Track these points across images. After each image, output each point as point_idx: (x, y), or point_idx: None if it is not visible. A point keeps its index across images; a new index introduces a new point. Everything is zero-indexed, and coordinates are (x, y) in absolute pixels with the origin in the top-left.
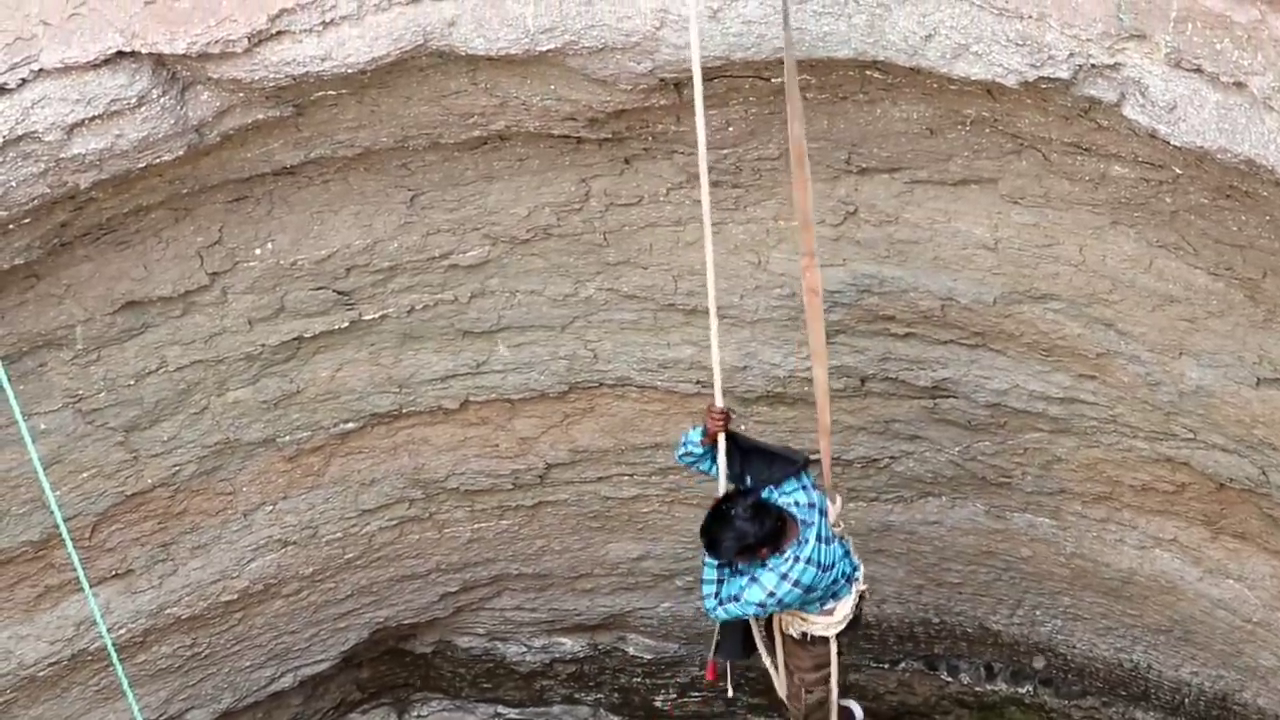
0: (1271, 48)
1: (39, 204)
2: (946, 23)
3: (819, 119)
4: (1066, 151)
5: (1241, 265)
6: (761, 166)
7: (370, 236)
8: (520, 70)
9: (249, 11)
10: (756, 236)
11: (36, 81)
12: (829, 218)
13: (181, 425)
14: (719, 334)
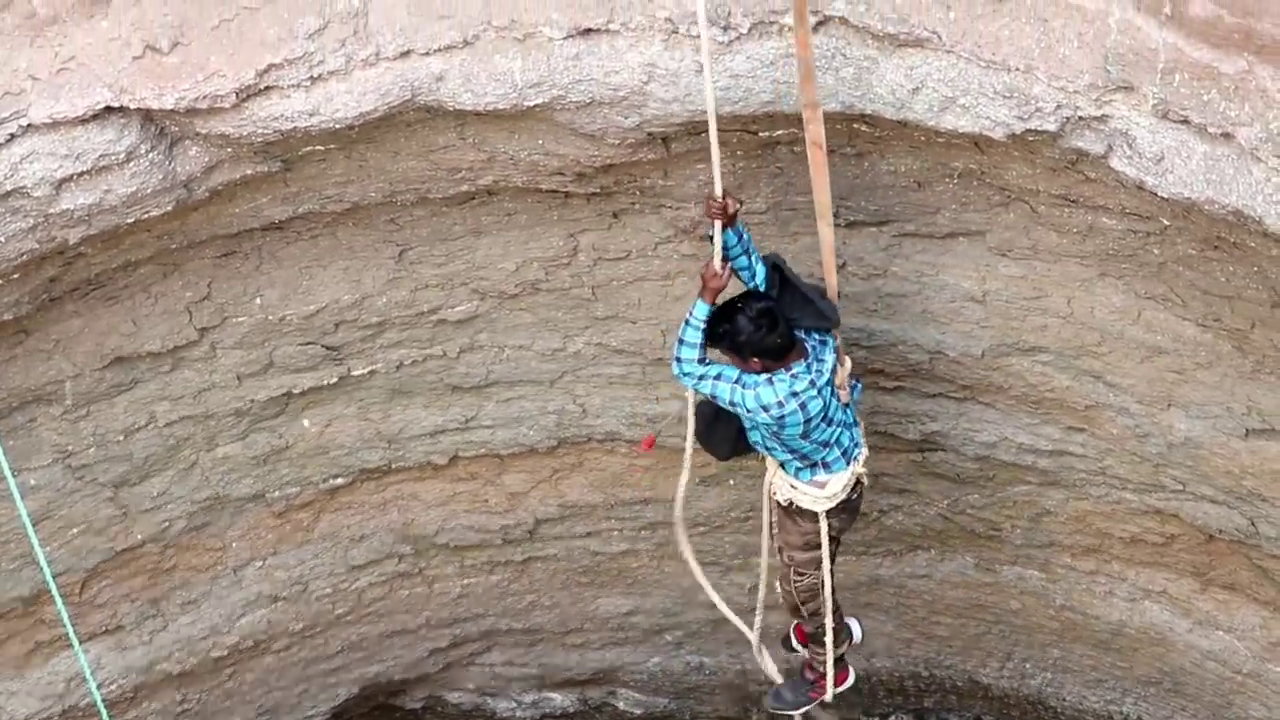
0: (1259, 98)
1: (28, 259)
2: (934, 76)
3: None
4: (1054, 203)
5: (1230, 316)
6: (749, 219)
7: (359, 291)
8: (508, 125)
9: (237, 67)
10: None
11: (25, 136)
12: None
13: (171, 481)
14: None
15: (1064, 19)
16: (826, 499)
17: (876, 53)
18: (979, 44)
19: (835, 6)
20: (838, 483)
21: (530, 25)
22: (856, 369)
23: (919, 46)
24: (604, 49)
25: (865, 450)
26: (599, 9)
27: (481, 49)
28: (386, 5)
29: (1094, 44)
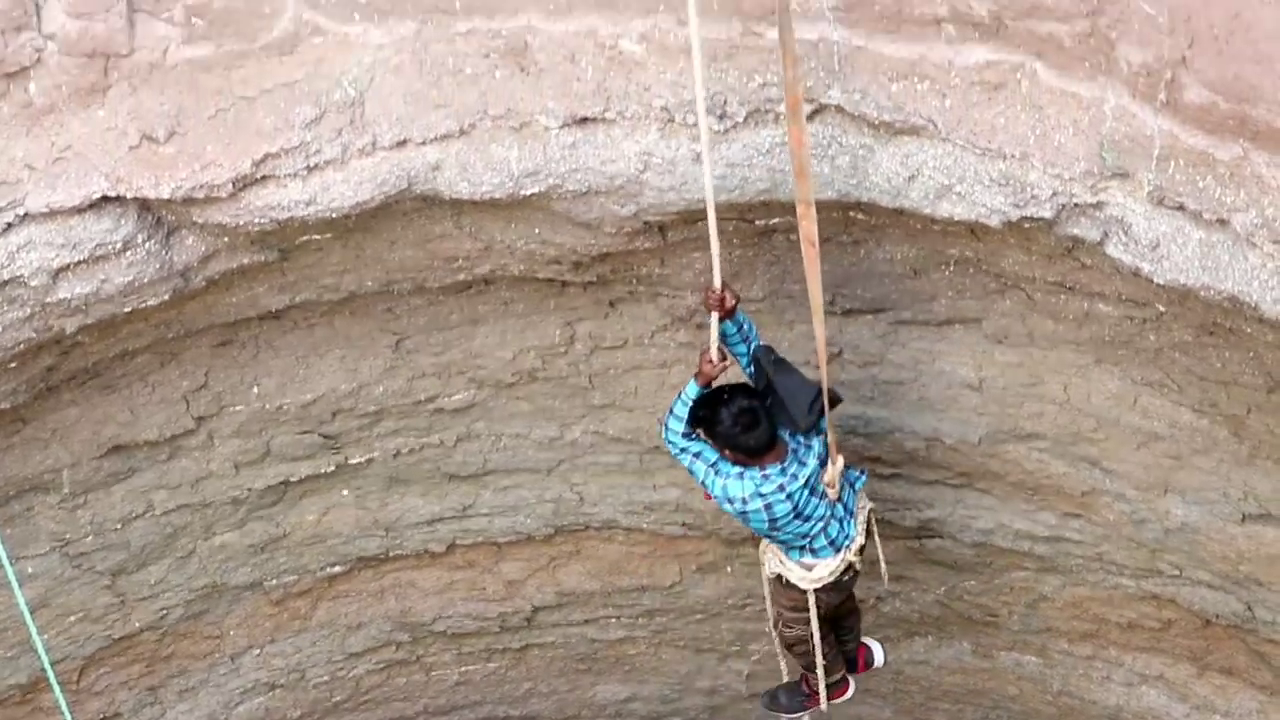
0: (1254, 184)
1: (25, 348)
2: (929, 164)
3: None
4: (1050, 290)
5: (1226, 402)
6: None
7: (356, 380)
8: (504, 214)
9: (234, 156)
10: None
11: (22, 226)
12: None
13: (168, 569)
14: None
15: (1059, 106)
16: (813, 580)
17: (872, 141)
18: (974, 132)
19: (831, 95)
20: (825, 568)
21: (526, 114)
22: (853, 456)
23: (915, 134)
24: (600, 138)
25: (860, 539)
26: (595, 98)
27: (478, 138)
28: (383, 94)
29: (1089, 131)
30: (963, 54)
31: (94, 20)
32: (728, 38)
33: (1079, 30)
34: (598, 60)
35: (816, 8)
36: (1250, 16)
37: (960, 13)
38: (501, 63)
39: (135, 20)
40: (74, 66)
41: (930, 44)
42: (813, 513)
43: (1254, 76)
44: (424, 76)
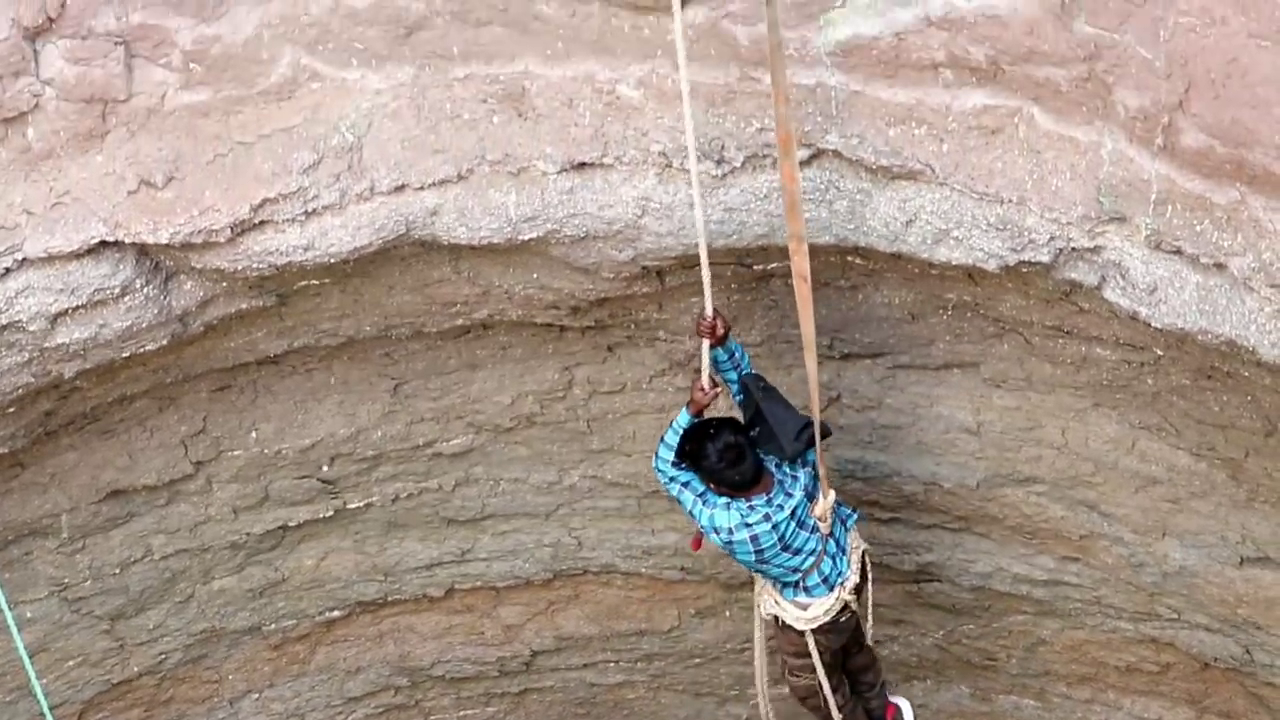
0: (1251, 228)
1: (23, 393)
2: (927, 208)
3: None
4: (1048, 334)
5: (1224, 445)
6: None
7: (354, 425)
8: (503, 259)
9: (232, 202)
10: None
11: (20, 271)
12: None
13: (167, 613)
14: None
15: (1056, 151)
16: (809, 620)
17: (870, 185)
18: (972, 176)
19: (829, 140)
20: (819, 606)
21: (524, 159)
22: (851, 500)
23: (912, 179)
24: (598, 183)
25: (854, 577)
26: (593, 143)
27: (476, 183)
28: (381, 140)
29: (1087, 175)
30: (960, 99)
31: (92, 66)
32: (725, 83)
33: (1076, 75)
34: (595, 105)
35: (814, 53)
36: (1247, 61)
37: (957, 58)
38: (499, 108)
39: (133, 66)
40: (72, 112)
41: (927, 89)
42: (802, 546)
43: (1250, 121)
44: (422, 122)
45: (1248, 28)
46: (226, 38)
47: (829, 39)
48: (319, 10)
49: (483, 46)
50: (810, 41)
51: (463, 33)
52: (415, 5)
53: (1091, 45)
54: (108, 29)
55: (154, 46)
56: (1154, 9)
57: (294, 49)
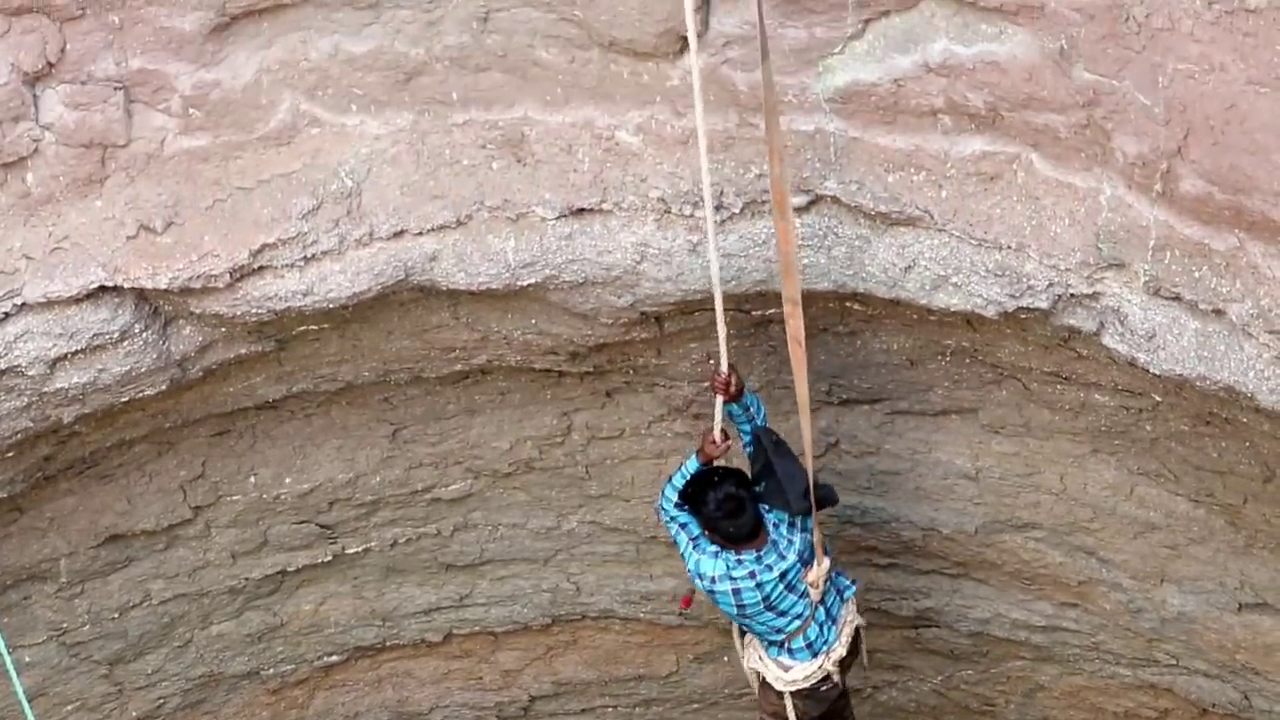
0: (1250, 274)
1: (22, 437)
2: (926, 254)
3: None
4: (1046, 380)
5: (1222, 491)
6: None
7: (353, 470)
8: (501, 304)
9: (231, 247)
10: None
11: (19, 315)
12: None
13: (166, 658)
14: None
15: (1055, 197)
16: (787, 682)
17: (869, 231)
18: (971, 222)
19: (827, 186)
20: (801, 671)
21: (523, 205)
22: (849, 546)
23: (911, 225)
24: (597, 229)
25: (841, 650)
26: (592, 189)
27: (475, 229)
28: (380, 185)
29: (1085, 222)
30: (959, 145)
31: (92, 111)
32: (724, 129)
33: (1075, 121)
34: (595, 151)
35: (813, 99)
36: (1246, 107)
37: (956, 104)
38: (498, 154)
39: (133, 111)
40: (71, 157)
41: (926, 135)
42: (789, 609)
43: (1249, 167)
44: (421, 167)
45: (1247, 74)
46: (226, 83)
47: (828, 85)
48: (318, 56)
49: (482, 92)
50: (809, 88)
51: (462, 79)
52: (414, 51)
53: (1090, 92)
54: (107, 74)
55: (153, 92)
56: (1153, 56)
57: (293, 94)
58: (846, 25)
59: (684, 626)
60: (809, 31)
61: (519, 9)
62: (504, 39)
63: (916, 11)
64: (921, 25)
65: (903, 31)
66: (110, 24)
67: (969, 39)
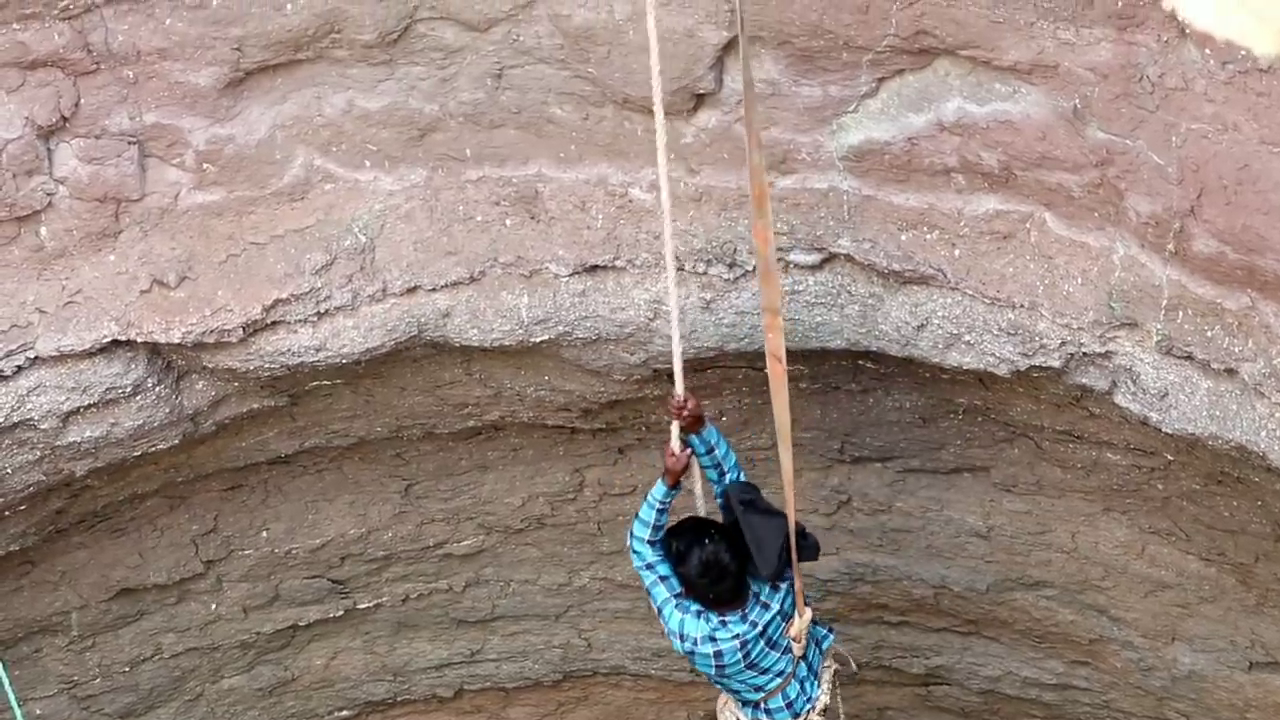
0: (1262, 334)
1: (35, 491)
2: (939, 313)
3: (811, 409)
4: (1058, 439)
5: (1233, 550)
6: (755, 455)
7: (365, 525)
8: (514, 361)
9: (244, 301)
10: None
11: (32, 369)
12: (822, 506)
13: (176, 712)
14: None
15: (1068, 256)
16: None
17: (882, 290)
18: (984, 281)
19: (841, 244)
20: None
21: (537, 262)
22: (860, 604)
23: (924, 284)
24: (610, 286)
25: (824, 699)
26: (605, 246)
27: (488, 285)
28: (393, 241)
29: (1098, 281)
30: (972, 203)
31: (105, 165)
32: (738, 187)
33: (1088, 180)
34: (608, 208)
35: (827, 157)
36: (1259, 167)
37: (970, 163)
38: (512, 210)
39: (146, 165)
40: (85, 211)
41: (940, 193)
42: (770, 666)
43: (1262, 227)
44: (435, 223)
45: (1260, 134)
46: (240, 138)
47: (842, 144)
48: (332, 112)
49: (496, 149)
50: (823, 146)
51: (476, 135)
52: (428, 107)
53: (1104, 151)
54: (121, 128)
55: (167, 146)
56: (1166, 115)
57: (307, 150)
58: (861, 84)
59: (695, 683)
60: (823, 90)
61: (533, 66)
62: (518, 95)
63: (930, 70)
64: (935, 84)
65: (917, 90)
66: (125, 78)
67: (983, 98)
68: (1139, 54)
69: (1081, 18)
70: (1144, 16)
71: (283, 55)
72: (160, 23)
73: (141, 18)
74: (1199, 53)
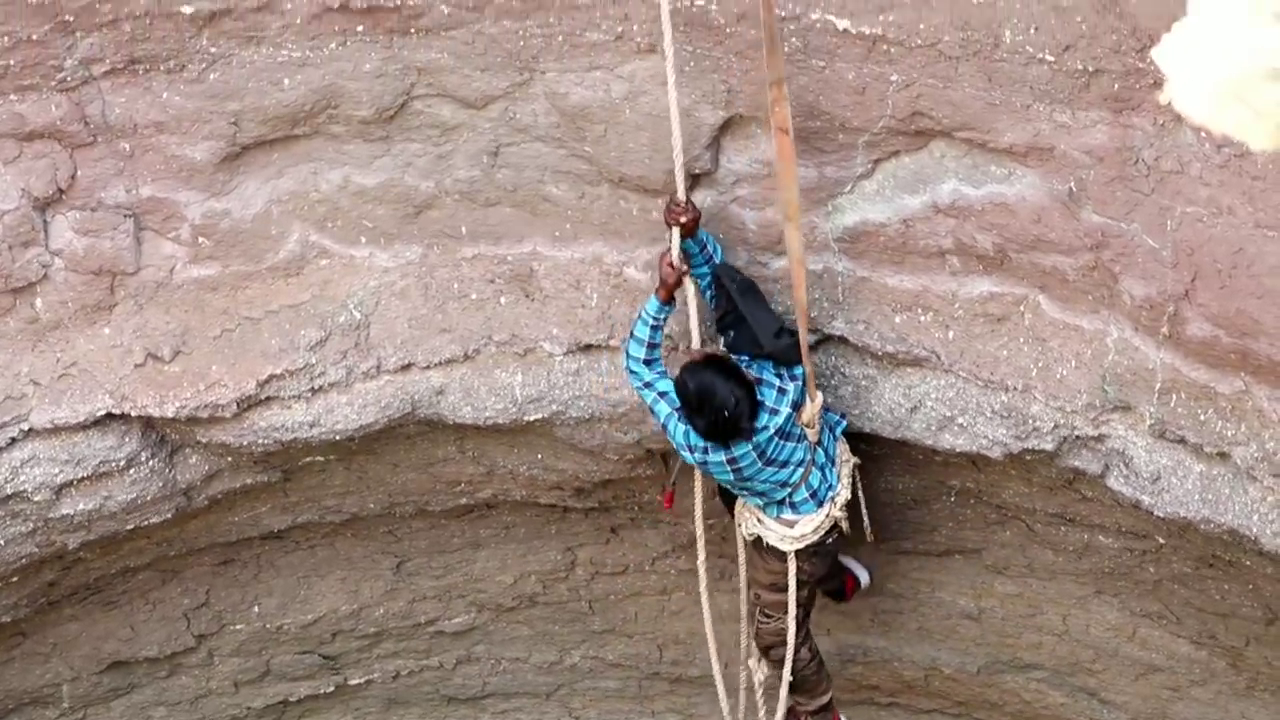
0: (1255, 418)
1: (27, 563)
2: (932, 395)
3: None
4: (1050, 522)
5: (1224, 634)
6: None
7: (357, 602)
8: (508, 439)
9: (238, 377)
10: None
11: (26, 441)
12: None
13: None
14: None
15: (1062, 339)
16: (794, 539)
17: (875, 371)
18: (977, 364)
19: (835, 325)
20: (808, 524)
21: (531, 341)
22: (850, 684)
23: (918, 366)
24: (604, 365)
25: (845, 493)
26: (599, 325)
27: (482, 363)
28: (388, 318)
29: (1092, 364)
30: (967, 286)
31: (101, 238)
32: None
33: (1083, 263)
34: (603, 287)
35: (822, 238)
36: (1254, 251)
37: (965, 245)
38: (507, 288)
39: (142, 239)
40: (80, 283)
41: (934, 275)
42: (788, 458)
43: (1256, 311)
44: (429, 301)
45: (1255, 218)
46: (236, 213)
47: (837, 225)
48: (328, 188)
49: (491, 227)
50: (818, 227)
51: (472, 213)
52: (424, 184)
53: (1099, 234)
54: (117, 202)
55: (163, 220)
56: (1162, 198)
57: (303, 226)
58: (856, 165)
59: None
60: (819, 171)
61: (529, 144)
62: (514, 174)
63: (926, 152)
64: (931, 166)
65: (912, 172)
66: (121, 151)
67: (978, 180)
68: (1135, 137)
69: (1078, 100)
70: (1140, 100)
71: (279, 130)
72: (157, 96)
73: (139, 91)
74: (1195, 136)
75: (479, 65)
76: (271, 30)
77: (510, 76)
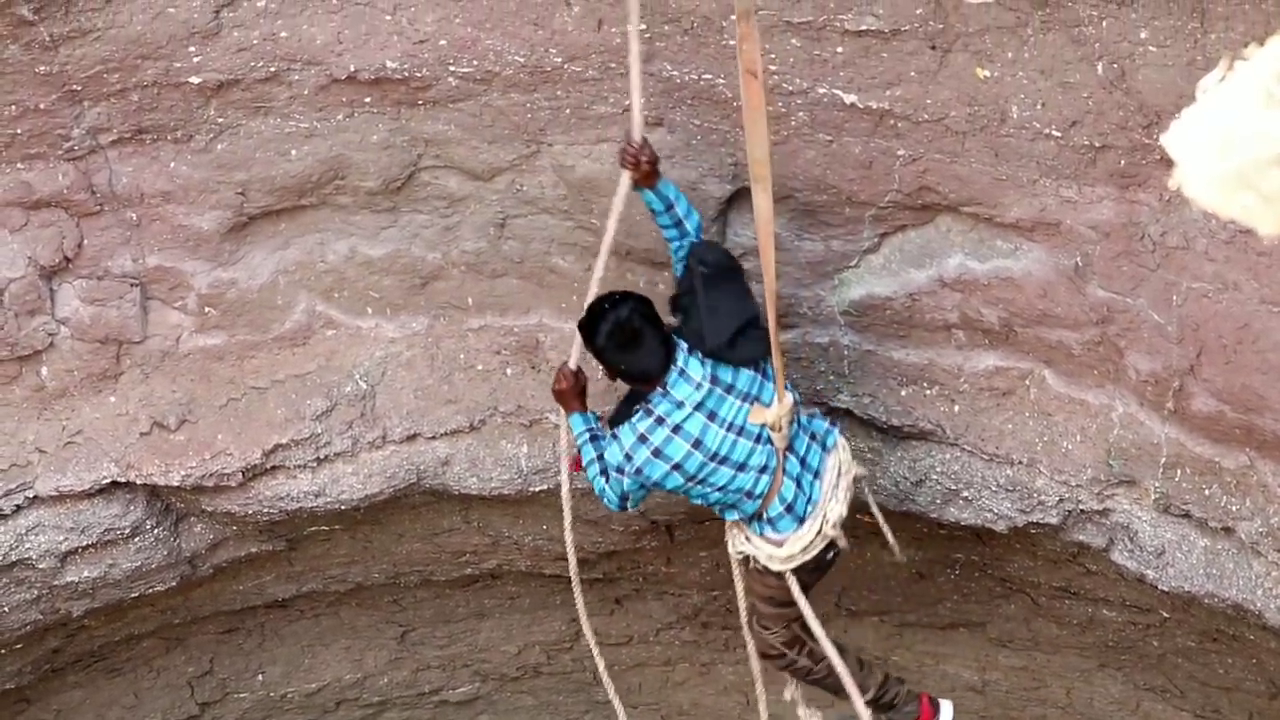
0: (1260, 493)
1: (31, 630)
2: (937, 468)
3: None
4: (1055, 595)
5: (1228, 708)
6: None
7: (361, 671)
8: (513, 510)
9: (244, 446)
10: (745, 678)
11: (31, 508)
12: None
13: None
14: None
15: (1067, 414)
16: (782, 559)
17: (881, 445)
18: (982, 437)
19: (841, 399)
20: (796, 544)
21: (536, 411)
22: None
23: (923, 439)
24: (609, 437)
25: (839, 508)
26: (605, 397)
27: (488, 434)
28: (394, 388)
29: (1097, 438)
30: (972, 360)
31: (107, 307)
32: None
33: (1088, 338)
34: None
35: (828, 312)
36: (1259, 326)
37: (970, 319)
38: (513, 360)
39: (148, 308)
40: (86, 352)
41: (940, 349)
42: (745, 459)
43: (1261, 386)
44: (435, 371)
45: (1260, 293)
46: (242, 283)
47: (843, 298)
48: (335, 258)
49: (498, 298)
50: (824, 300)
51: (478, 284)
52: (431, 256)
53: (1104, 309)
54: (124, 270)
55: (170, 289)
56: (1167, 274)
57: (309, 296)
58: (863, 239)
59: None
60: (825, 245)
61: (536, 216)
62: (521, 245)
63: (932, 226)
64: (937, 240)
65: (919, 246)
66: (128, 220)
67: (984, 255)
68: (1141, 212)
69: (1084, 176)
70: (1146, 175)
71: (286, 201)
72: (164, 166)
73: (146, 160)
74: (1201, 213)
75: (486, 137)
76: (279, 101)
77: (517, 149)
